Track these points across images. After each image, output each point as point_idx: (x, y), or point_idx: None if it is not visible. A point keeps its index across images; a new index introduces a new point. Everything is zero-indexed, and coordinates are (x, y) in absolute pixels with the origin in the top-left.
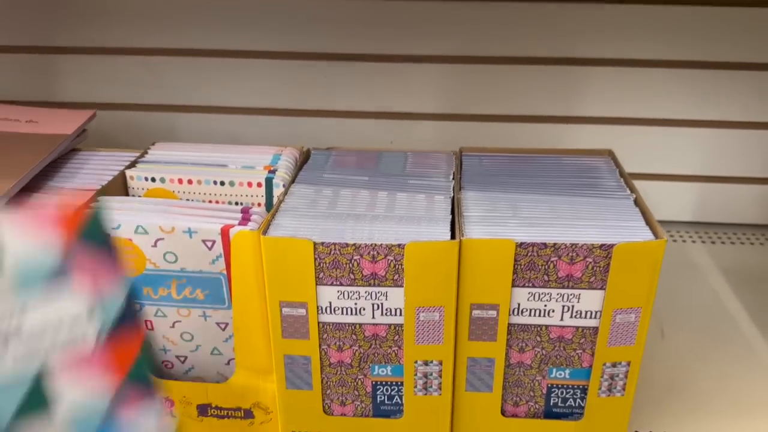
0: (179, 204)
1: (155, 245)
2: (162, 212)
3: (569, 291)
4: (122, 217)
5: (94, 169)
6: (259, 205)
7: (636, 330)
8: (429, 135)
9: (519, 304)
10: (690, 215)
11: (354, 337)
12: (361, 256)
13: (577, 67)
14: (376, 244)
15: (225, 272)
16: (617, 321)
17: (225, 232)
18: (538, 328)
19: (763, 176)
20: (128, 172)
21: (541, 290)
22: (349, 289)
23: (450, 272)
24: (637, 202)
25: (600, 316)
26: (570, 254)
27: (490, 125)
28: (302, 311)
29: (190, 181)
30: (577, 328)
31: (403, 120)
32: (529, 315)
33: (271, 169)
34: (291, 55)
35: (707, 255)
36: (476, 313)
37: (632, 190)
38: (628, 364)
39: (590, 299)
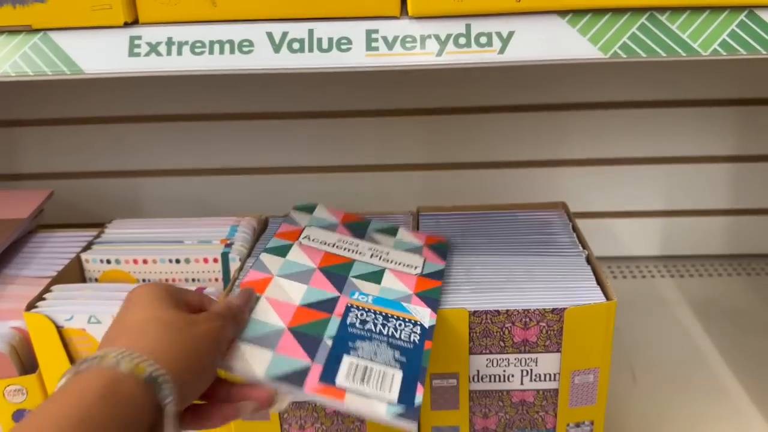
0: None
1: None
2: (114, 300)
3: (526, 355)
4: (75, 308)
5: (50, 252)
6: (216, 280)
7: (596, 390)
8: (398, 186)
9: (478, 371)
10: (657, 249)
11: None
12: None
13: (537, 113)
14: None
15: None
16: (576, 382)
17: None
18: (500, 394)
19: (725, 207)
20: (83, 256)
21: (498, 356)
22: None
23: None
24: (589, 260)
25: (559, 378)
26: (523, 320)
27: (452, 173)
28: None
29: (145, 261)
30: (538, 391)
31: (369, 172)
32: (490, 381)
33: (228, 242)
34: (250, 115)
35: (676, 289)
36: (436, 382)
37: (584, 245)
38: (592, 423)
39: (548, 362)
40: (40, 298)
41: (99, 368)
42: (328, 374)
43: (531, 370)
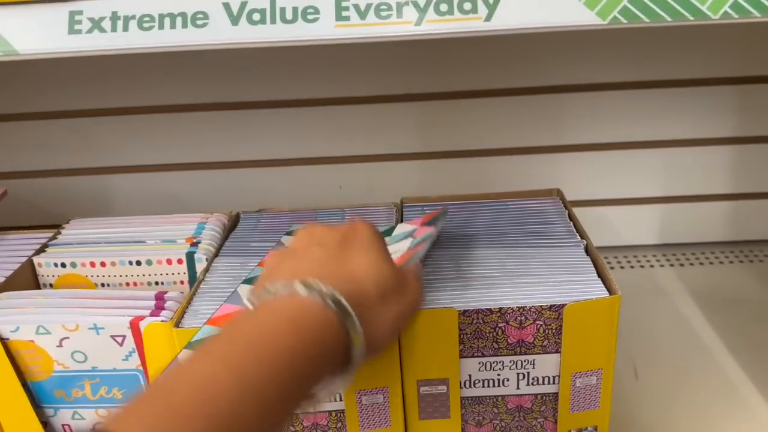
0: (87, 294)
1: (60, 345)
2: (65, 307)
3: (523, 357)
4: (22, 317)
5: (2, 256)
6: (182, 283)
7: (599, 392)
8: (383, 178)
9: (470, 376)
10: (656, 238)
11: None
12: None
13: (526, 97)
14: None
15: (142, 368)
16: (578, 385)
17: (135, 326)
18: (494, 399)
19: (726, 192)
20: (36, 259)
21: (492, 359)
22: None
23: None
24: (588, 250)
25: (559, 381)
26: (518, 318)
27: (440, 162)
28: None
29: (103, 264)
30: (536, 395)
31: (352, 163)
32: (483, 386)
33: (194, 241)
34: (222, 105)
35: (676, 279)
36: (424, 389)
37: (582, 235)
38: (595, 429)
39: (546, 364)
40: None
41: (284, 297)
42: None
43: (528, 373)
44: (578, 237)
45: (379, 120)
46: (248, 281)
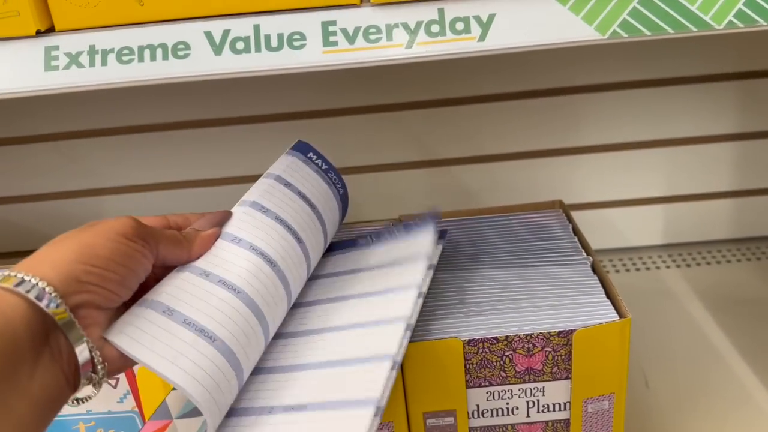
0: None
1: None
2: None
3: (531, 385)
4: None
5: None
6: None
7: (612, 417)
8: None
9: (478, 406)
10: (660, 238)
11: None
12: None
13: (522, 101)
14: None
15: (137, 409)
16: (589, 411)
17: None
18: (504, 428)
19: (729, 190)
20: None
21: (500, 388)
22: None
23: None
24: (595, 268)
25: (570, 407)
26: (526, 346)
27: (436, 171)
28: None
29: None
30: (547, 422)
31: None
32: (491, 415)
33: None
34: (213, 122)
35: (683, 280)
36: (431, 422)
37: (588, 251)
38: None
39: (556, 391)
40: None
41: None
42: None
43: (538, 400)
44: (584, 253)
45: (378, 130)
46: None
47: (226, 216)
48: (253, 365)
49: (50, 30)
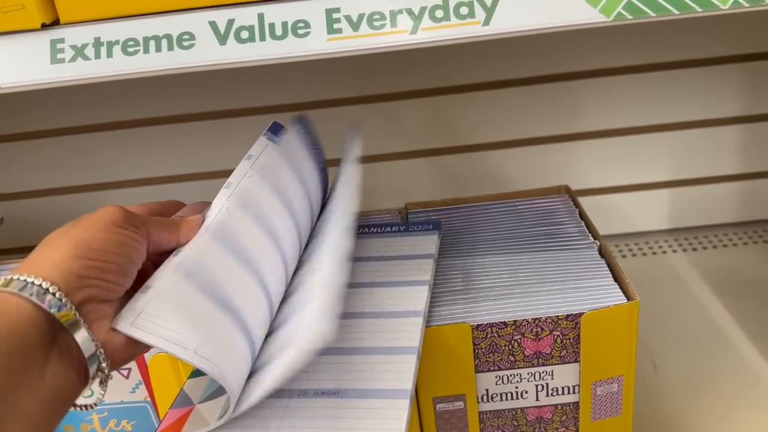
0: None
1: None
2: None
3: (540, 369)
4: None
5: None
6: None
7: (621, 399)
8: (381, 180)
9: (487, 390)
10: (666, 223)
11: None
12: None
13: (525, 87)
14: None
15: (150, 399)
16: (598, 393)
17: (140, 358)
18: (513, 412)
19: (734, 173)
20: None
21: (509, 372)
22: None
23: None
24: (602, 252)
25: (579, 390)
26: (534, 330)
27: (440, 159)
28: None
29: None
30: (556, 405)
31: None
32: (501, 399)
33: None
34: (218, 113)
35: (689, 264)
36: (441, 406)
37: (595, 235)
38: None
39: (565, 374)
40: None
41: None
42: None
43: (547, 384)
44: (591, 237)
45: (384, 118)
46: None
47: (206, 205)
48: (262, 334)
49: (55, 23)
